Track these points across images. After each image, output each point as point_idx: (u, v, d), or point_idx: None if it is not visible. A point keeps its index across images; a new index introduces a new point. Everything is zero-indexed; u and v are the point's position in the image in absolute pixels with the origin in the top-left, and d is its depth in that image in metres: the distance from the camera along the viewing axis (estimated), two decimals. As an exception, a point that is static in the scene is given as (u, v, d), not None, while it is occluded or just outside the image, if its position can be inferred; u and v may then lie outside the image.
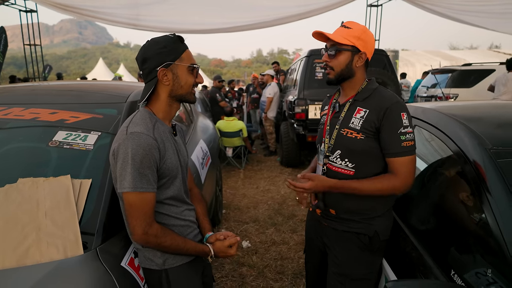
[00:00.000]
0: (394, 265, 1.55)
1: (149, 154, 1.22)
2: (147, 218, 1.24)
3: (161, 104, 1.36)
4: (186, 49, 1.33)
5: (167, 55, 1.28)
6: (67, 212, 1.34)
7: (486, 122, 1.61)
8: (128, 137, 1.22)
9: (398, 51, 16.00)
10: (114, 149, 1.25)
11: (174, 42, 1.30)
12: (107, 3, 7.80)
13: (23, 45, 10.56)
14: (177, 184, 1.38)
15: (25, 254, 1.23)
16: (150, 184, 1.23)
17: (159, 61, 1.27)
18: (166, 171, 1.30)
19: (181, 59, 1.30)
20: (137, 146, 1.20)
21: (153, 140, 1.24)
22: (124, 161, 1.20)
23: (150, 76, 1.30)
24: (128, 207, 1.23)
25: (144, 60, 1.30)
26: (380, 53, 5.92)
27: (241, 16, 8.25)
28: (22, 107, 1.80)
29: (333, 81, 1.53)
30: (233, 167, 6.52)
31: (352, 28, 1.46)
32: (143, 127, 1.25)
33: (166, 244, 1.29)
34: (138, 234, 1.24)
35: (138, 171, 1.20)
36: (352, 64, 1.48)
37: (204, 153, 3.06)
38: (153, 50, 1.28)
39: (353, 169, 1.48)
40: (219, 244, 1.43)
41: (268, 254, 3.31)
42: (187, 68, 1.32)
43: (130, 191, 1.20)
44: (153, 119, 1.32)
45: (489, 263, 1.13)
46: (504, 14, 7.78)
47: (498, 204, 1.16)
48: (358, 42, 1.45)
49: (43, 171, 1.54)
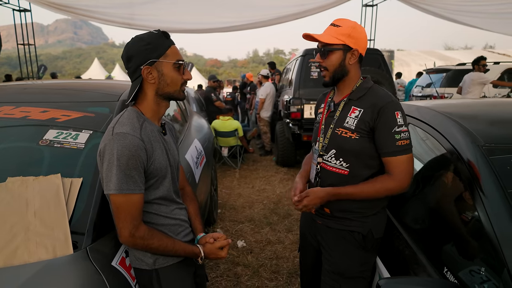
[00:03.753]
0: (388, 263, 1.54)
1: (135, 155, 1.19)
2: (134, 221, 1.22)
3: (149, 103, 1.32)
4: (172, 45, 1.28)
5: (151, 52, 1.23)
6: (57, 211, 1.32)
7: (479, 119, 1.61)
8: (114, 138, 1.19)
9: (393, 51, 16.05)
10: (100, 150, 1.23)
11: (158, 38, 1.25)
12: (101, 2, 7.75)
13: (17, 45, 10.48)
14: (166, 184, 1.36)
15: (13, 254, 1.21)
16: (137, 186, 1.21)
17: (143, 59, 1.23)
18: (154, 171, 1.28)
19: (165, 56, 1.25)
20: (123, 147, 1.17)
21: (140, 141, 1.21)
22: (109, 162, 1.18)
23: (135, 75, 1.26)
24: (115, 209, 1.21)
25: (128, 59, 1.26)
26: (375, 52, 5.94)
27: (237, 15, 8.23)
28: (13, 105, 1.78)
29: (329, 83, 1.53)
30: (229, 167, 6.51)
31: (342, 26, 1.45)
32: (129, 127, 1.22)
33: (153, 246, 1.27)
34: (125, 236, 1.22)
35: (124, 173, 1.17)
36: (345, 62, 1.47)
37: (199, 152, 3.04)
38: (137, 48, 1.24)
39: (347, 169, 1.47)
40: (209, 246, 1.41)
41: (263, 254, 3.30)
42: (172, 65, 1.27)
43: (116, 193, 1.18)
44: (140, 118, 1.28)
45: (481, 261, 1.13)
46: (498, 14, 7.82)
47: (491, 201, 1.16)
48: (348, 39, 1.44)
49: (33, 170, 1.51)
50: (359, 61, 1.51)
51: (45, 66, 13.64)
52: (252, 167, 6.58)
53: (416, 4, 8.08)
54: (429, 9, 8.19)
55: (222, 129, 6.27)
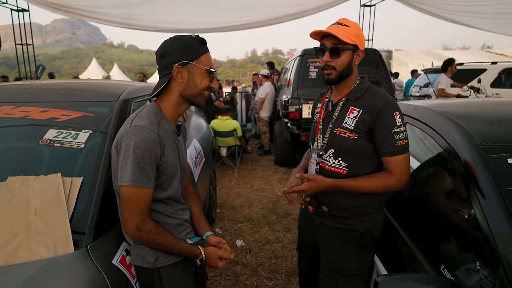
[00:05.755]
0: (386, 261, 1.56)
1: (151, 150, 1.21)
2: (141, 214, 1.23)
3: (171, 102, 1.33)
4: (207, 52, 1.32)
5: (186, 54, 1.26)
6: (57, 210, 1.33)
7: (476, 119, 1.63)
8: (131, 130, 1.21)
9: (391, 51, 16.11)
10: (117, 141, 1.25)
11: (195, 42, 1.29)
12: (99, 2, 7.73)
13: (15, 45, 10.45)
14: (175, 184, 1.37)
15: (14, 252, 1.22)
16: (149, 180, 1.22)
17: (176, 58, 1.26)
18: (166, 169, 1.30)
19: (199, 61, 1.29)
20: (140, 140, 1.19)
21: (156, 136, 1.23)
22: (126, 154, 1.20)
23: (165, 72, 1.29)
24: (124, 201, 1.22)
25: (162, 55, 1.29)
26: (373, 52, 5.95)
27: (236, 15, 8.22)
28: (13, 105, 1.78)
29: (334, 81, 1.51)
30: (228, 167, 6.51)
31: (350, 26, 1.44)
32: (147, 121, 1.25)
33: (158, 242, 1.28)
34: (131, 229, 1.23)
35: (138, 166, 1.19)
36: (352, 62, 1.48)
37: (198, 152, 3.05)
38: (173, 46, 1.27)
39: (346, 168, 1.49)
40: (211, 250, 1.41)
41: (262, 253, 3.31)
42: (204, 70, 1.30)
43: (129, 185, 1.19)
44: (159, 115, 1.31)
45: (478, 258, 1.14)
46: (496, 14, 7.84)
47: (487, 200, 1.18)
48: (357, 40, 1.44)
49: (34, 169, 1.52)
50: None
51: (43, 66, 13.60)
52: (251, 166, 6.59)
53: (414, 4, 8.10)
54: (427, 9, 8.21)
55: (220, 129, 6.28)
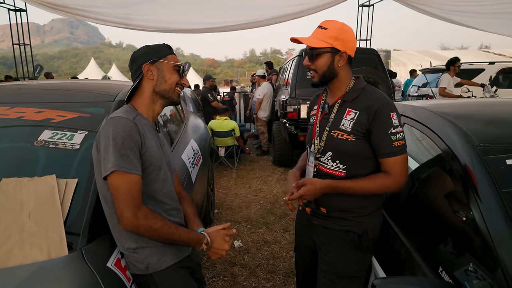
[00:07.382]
0: (384, 262, 1.55)
1: (130, 135, 1.23)
2: (135, 200, 1.21)
3: (144, 99, 1.40)
4: (173, 54, 1.43)
5: (154, 54, 1.38)
6: (51, 213, 1.31)
7: (474, 119, 1.62)
8: (108, 122, 1.26)
9: (390, 51, 16.10)
10: (96, 138, 1.27)
11: (161, 46, 1.41)
12: (98, 2, 7.70)
13: (13, 45, 10.41)
14: (162, 176, 1.37)
15: (7, 255, 1.20)
16: (133, 166, 1.22)
17: (145, 59, 1.37)
18: (150, 158, 1.31)
19: (166, 59, 1.40)
20: (117, 127, 1.22)
21: (133, 123, 1.26)
22: (106, 144, 1.21)
23: (137, 73, 1.39)
24: (115, 191, 1.20)
25: (133, 60, 1.40)
26: (371, 52, 5.95)
27: (234, 15, 8.21)
28: (7, 106, 1.77)
29: (317, 84, 1.53)
30: (226, 167, 6.50)
31: (329, 29, 1.44)
32: (123, 113, 1.31)
33: (157, 227, 1.23)
34: (128, 218, 1.19)
35: (119, 152, 1.20)
36: (333, 64, 1.46)
37: (195, 152, 3.04)
38: (142, 51, 1.40)
39: (344, 170, 1.48)
40: (214, 231, 1.40)
41: (260, 254, 3.30)
42: (172, 66, 1.40)
43: (114, 170, 1.18)
44: (134, 112, 1.36)
45: (476, 260, 1.14)
46: (494, 14, 7.85)
47: (485, 201, 1.17)
48: (336, 42, 1.43)
49: (28, 171, 1.50)
50: (349, 62, 1.51)
51: (41, 66, 13.56)
52: (249, 167, 6.58)
53: (412, 4, 8.10)
54: (425, 9, 8.21)
55: (219, 129, 6.27)
